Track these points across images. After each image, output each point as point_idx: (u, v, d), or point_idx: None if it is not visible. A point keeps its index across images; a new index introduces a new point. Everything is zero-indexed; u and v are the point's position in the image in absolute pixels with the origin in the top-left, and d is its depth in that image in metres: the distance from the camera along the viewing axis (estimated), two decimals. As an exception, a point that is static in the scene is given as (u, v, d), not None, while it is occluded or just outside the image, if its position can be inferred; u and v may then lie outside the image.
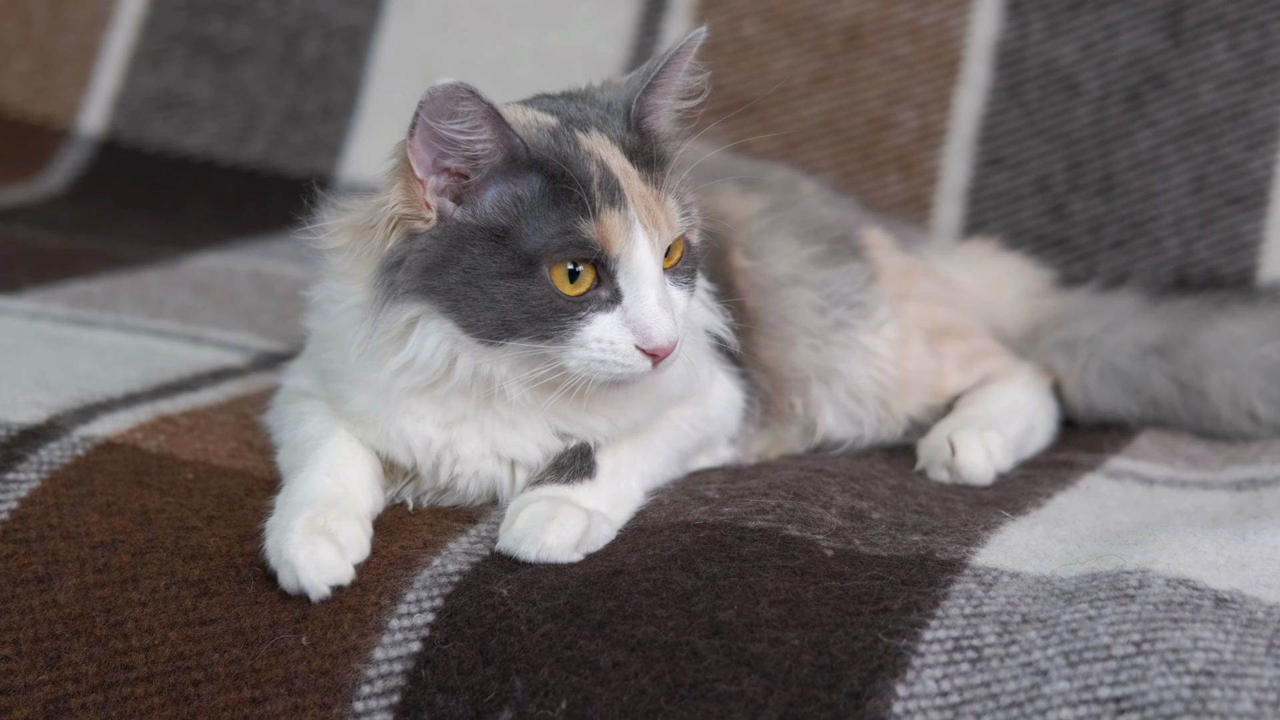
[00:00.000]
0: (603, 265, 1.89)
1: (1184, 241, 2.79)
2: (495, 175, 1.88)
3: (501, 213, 1.88)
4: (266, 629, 1.85)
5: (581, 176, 1.88)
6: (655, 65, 1.97)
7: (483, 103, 1.84)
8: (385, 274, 1.90)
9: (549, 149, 1.89)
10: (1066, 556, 1.89)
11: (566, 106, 1.97)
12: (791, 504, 1.97)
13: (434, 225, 1.89)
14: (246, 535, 1.93)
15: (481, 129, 1.85)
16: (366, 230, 1.93)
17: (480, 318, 1.89)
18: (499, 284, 1.88)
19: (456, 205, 1.89)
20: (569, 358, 1.90)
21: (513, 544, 1.89)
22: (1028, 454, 2.27)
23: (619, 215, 1.89)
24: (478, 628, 1.82)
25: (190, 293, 2.71)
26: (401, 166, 1.90)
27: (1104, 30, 2.89)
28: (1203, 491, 2.12)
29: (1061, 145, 2.89)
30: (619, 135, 1.95)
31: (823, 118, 3.00)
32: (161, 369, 2.33)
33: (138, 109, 3.35)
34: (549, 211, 1.88)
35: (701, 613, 1.79)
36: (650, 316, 1.89)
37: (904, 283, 2.32)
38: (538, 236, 1.87)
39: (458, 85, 1.83)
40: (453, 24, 3.22)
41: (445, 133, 1.86)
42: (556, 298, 1.88)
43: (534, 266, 1.88)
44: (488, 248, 1.88)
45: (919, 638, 1.75)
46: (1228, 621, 1.73)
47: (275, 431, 2.09)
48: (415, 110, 1.85)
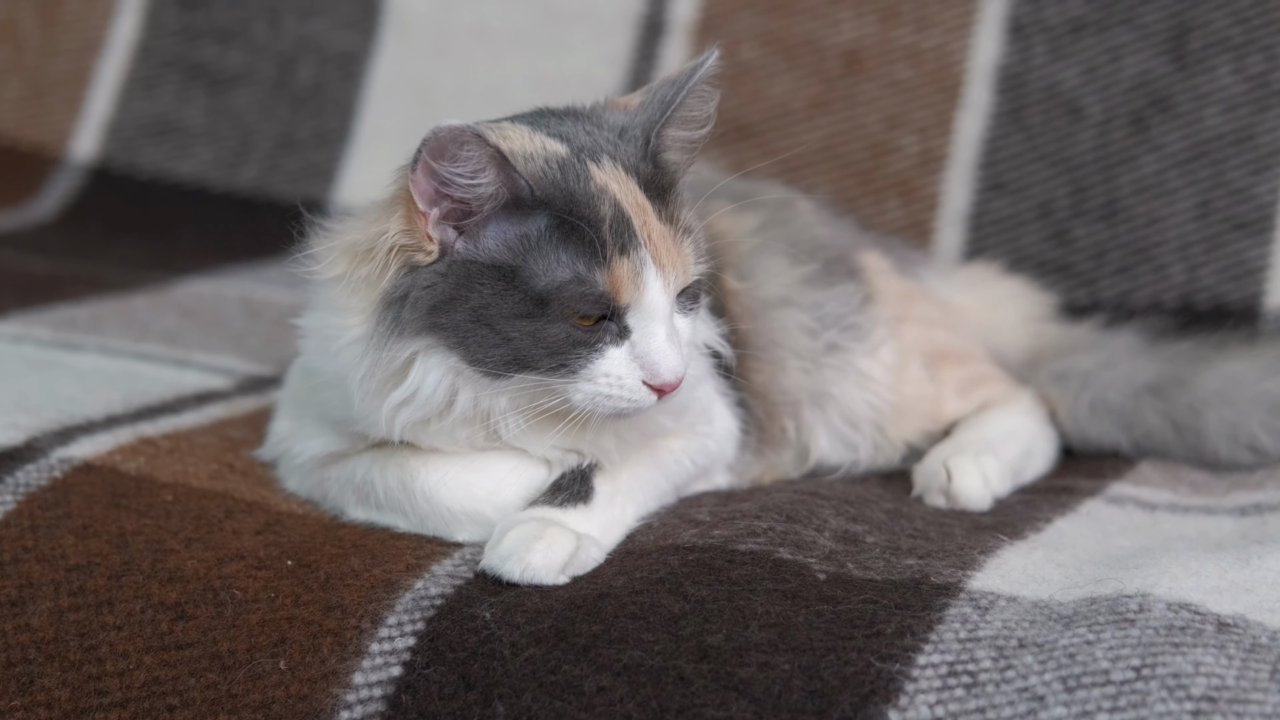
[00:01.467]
0: (604, 309, 1.86)
1: (1189, 267, 2.74)
2: (499, 212, 1.84)
3: (508, 251, 1.84)
4: (244, 653, 1.81)
5: (592, 219, 1.84)
6: (672, 93, 1.93)
7: (488, 147, 1.80)
8: (388, 309, 1.86)
9: (557, 186, 1.85)
10: (1065, 581, 1.84)
11: (575, 130, 1.92)
12: (784, 527, 1.93)
13: (437, 259, 1.85)
14: (225, 557, 1.88)
15: (485, 171, 1.81)
16: (363, 256, 1.88)
17: (490, 354, 1.85)
18: (512, 323, 1.84)
19: (459, 236, 1.85)
20: (575, 391, 1.86)
21: (497, 562, 1.85)
22: (1026, 480, 2.23)
23: (629, 262, 1.85)
24: (460, 652, 1.77)
25: (177, 317, 2.67)
26: (402, 195, 1.86)
27: (1107, 53, 2.85)
28: (1206, 517, 2.07)
29: (1064, 170, 2.85)
30: (634, 165, 1.90)
31: (822, 142, 2.97)
32: (144, 392, 2.29)
33: (130, 135, 3.32)
34: (558, 252, 1.84)
35: (689, 637, 1.74)
36: (658, 353, 1.86)
37: (902, 305, 2.27)
38: (548, 278, 1.83)
39: (461, 130, 1.78)
40: (448, 49, 3.18)
41: (445, 174, 1.81)
42: (574, 334, 1.85)
43: (546, 306, 1.84)
44: (497, 286, 1.84)
45: (912, 662, 1.70)
46: (1230, 646, 1.68)
47: (337, 502, 2.01)
48: (418, 145, 1.81)
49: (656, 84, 1.98)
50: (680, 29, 3.06)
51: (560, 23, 3.13)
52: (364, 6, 3.23)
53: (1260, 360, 2.28)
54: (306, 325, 1.97)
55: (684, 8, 3.06)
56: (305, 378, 2.00)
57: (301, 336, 1.99)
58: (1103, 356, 2.33)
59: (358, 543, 1.92)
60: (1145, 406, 2.27)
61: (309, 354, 1.97)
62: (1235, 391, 2.24)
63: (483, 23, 3.17)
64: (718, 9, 3.05)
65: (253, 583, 1.86)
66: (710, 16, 3.05)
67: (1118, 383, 2.29)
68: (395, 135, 3.17)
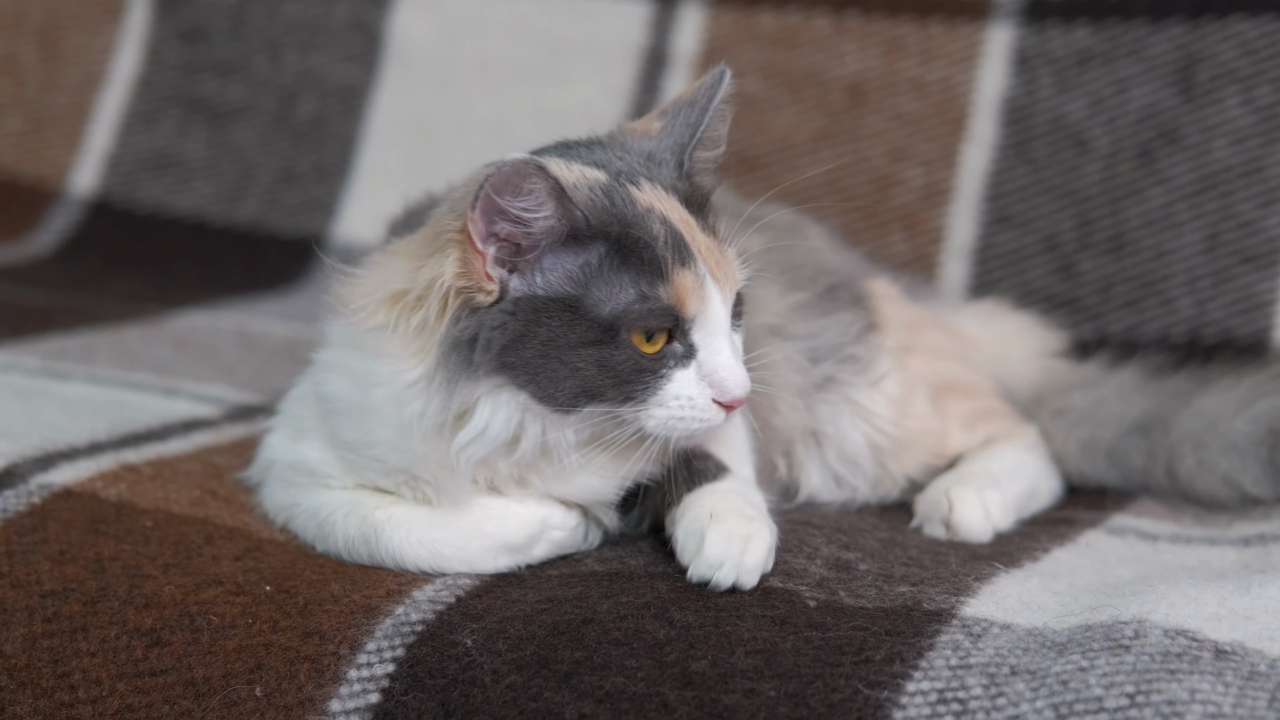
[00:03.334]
0: (672, 324, 1.83)
1: (1197, 301, 2.70)
2: (555, 244, 1.81)
3: (571, 282, 1.81)
4: (219, 680, 1.77)
5: (646, 237, 1.82)
6: (697, 115, 1.92)
7: (549, 179, 1.77)
8: (455, 351, 1.82)
9: (608, 212, 1.82)
10: (1061, 609, 1.79)
11: (606, 157, 1.90)
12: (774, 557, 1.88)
13: (499, 298, 1.81)
14: (203, 583, 1.85)
15: (546, 204, 1.78)
16: (413, 305, 1.84)
17: (559, 387, 1.82)
18: (579, 353, 1.81)
19: (512, 274, 1.82)
20: (648, 418, 1.84)
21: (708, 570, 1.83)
22: (1028, 515, 2.18)
23: (691, 274, 1.84)
24: (440, 679, 1.73)
25: (170, 348, 2.64)
26: (457, 238, 1.82)
27: (1114, 85, 2.81)
28: (1209, 547, 2.03)
29: (1070, 203, 2.81)
30: (672, 184, 1.89)
31: (826, 175, 2.93)
32: (130, 420, 2.26)
33: (130, 169, 3.29)
34: (619, 276, 1.82)
35: (674, 663, 1.70)
36: (726, 369, 1.84)
37: (909, 334, 2.23)
38: (613, 303, 1.81)
39: (526, 162, 1.76)
40: (449, 82, 3.16)
41: (511, 209, 1.78)
42: (640, 358, 1.82)
43: (614, 332, 1.81)
44: (564, 318, 1.81)
45: (901, 689, 1.66)
46: (1228, 674, 1.63)
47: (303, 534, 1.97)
48: (479, 183, 1.78)
49: (672, 106, 1.96)
50: (683, 61, 3.03)
51: (562, 55, 3.10)
52: (366, 40, 3.21)
53: (1236, 393, 2.21)
54: (331, 361, 1.92)
55: (686, 40, 3.04)
56: (320, 404, 1.95)
57: (323, 370, 1.93)
58: (1097, 394, 2.28)
59: (338, 569, 1.88)
60: (1131, 445, 2.22)
61: (332, 387, 1.92)
62: (1207, 432, 2.17)
63: (485, 56, 3.14)
64: (721, 41, 3.02)
65: (230, 608, 1.82)
66: (713, 49, 3.03)
67: (1108, 421, 2.24)
68: (396, 169, 3.14)
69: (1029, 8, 2.88)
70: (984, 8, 2.91)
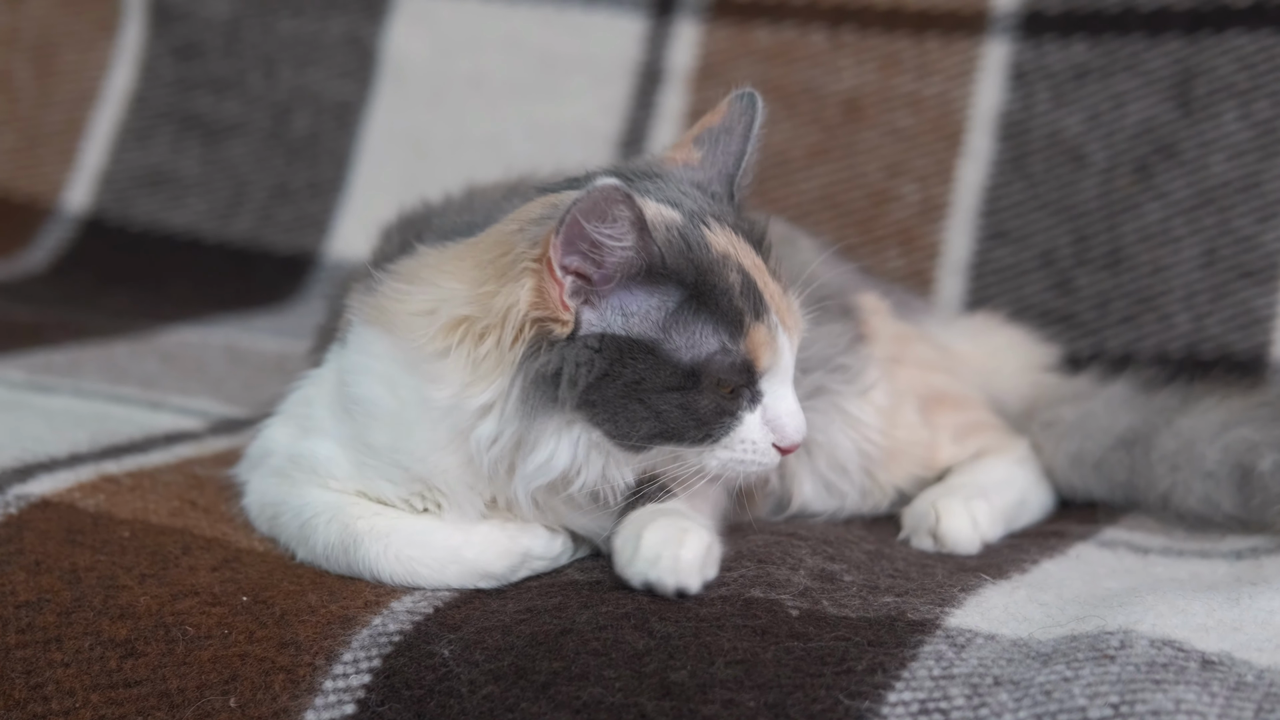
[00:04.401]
0: (746, 377, 1.82)
1: (1194, 317, 2.68)
2: (627, 280, 1.78)
3: (650, 325, 1.79)
4: (194, 690, 1.75)
5: (723, 288, 1.80)
6: (740, 144, 1.92)
7: (635, 208, 1.74)
8: (539, 386, 1.79)
9: (684, 256, 1.79)
10: (1047, 620, 1.77)
11: (675, 195, 1.86)
12: (756, 570, 1.86)
13: (574, 330, 1.78)
14: (180, 593, 1.83)
15: (628, 235, 1.76)
16: (481, 332, 1.81)
17: (636, 427, 1.80)
18: (663, 396, 1.79)
19: (584, 305, 1.79)
20: (711, 458, 1.83)
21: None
22: (1019, 527, 2.16)
23: (765, 327, 1.82)
24: (416, 689, 1.71)
25: (158, 362, 2.63)
26: (533, 266, 1.78)
27: (1111, 100, 2.79)
28: (1200, 560, 2.00)
29: (1067, 218, 2.79)
30: (736, 224, 1.87)
31: (821, 191, 2.91)
32: (113, 432, 2.24)
33: (124, 186, 3.28)
34: (696, 323, 1.80)
35: (652, 673, 1.68)
36: (789, 415, 1.84)
37: (898, 347, 2.21)
38: (695, 350, 1.79)
39: (616, 187, 1.72)
40: (444, 98, 3.14)
41: (596, 235, 1.75)
42: (720, 403, 1.81)
43: (695, 378, 1.80)
44: (648, 361, 1.79)
45: (883, 699, 1.64)
46: (1214, 684, 1.61)
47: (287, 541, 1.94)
48: (565, 208, 1.74)
49: (706, 134, 1.94)
50: (679, 77, 3.01)
51: (557, 71, 3.09)
52: (360, 56, 3.20)
53: (1217, 415, 2.16)
54: (364, 366, 1.88)
55: (682, 55, 3.02)
56: (343, 405, 1.91)
57: (355, 373, 1.89)
58: (1087, 407, 2.25)
59: (316, 579, 1.86)
60: (1117, 460, 2.19)
61: (366, 391, 1.88)
62: (1184, 454, 2.13)
63: (480, 72, 3.13)
64: (717, 57, 3.01)
65: (206, 619, 1.80)
66: (709, 64, 3.01)
67: (1095, 434, 2.21)
68: (390, 185, 3.13)
69: (1026, 23, 2.86)
70: (981, 22, 2.89)
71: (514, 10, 3.12)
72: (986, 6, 2.88)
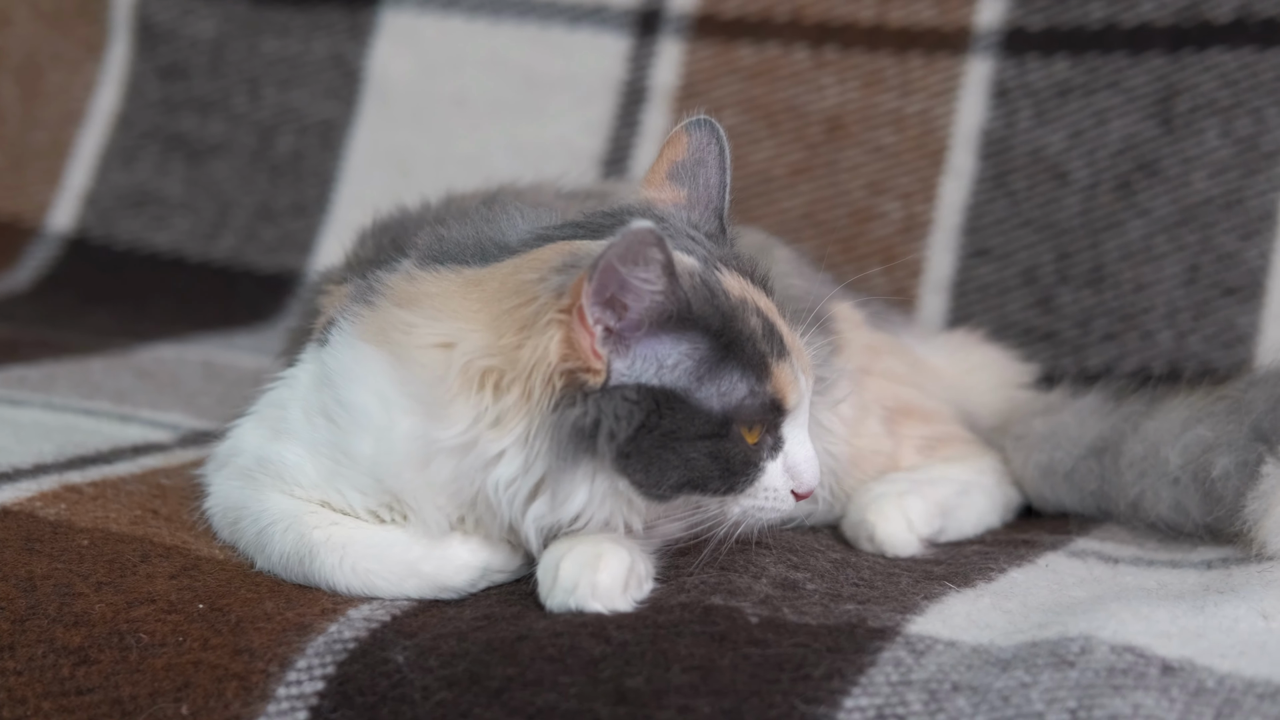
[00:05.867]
0: (773, 418, 1.81)
1: (1177, 334, 2.66)
2: (655, 328, 1.75)
3: (681, 373, 1.76)
4: (145, 698, 1.73)
5: (748, 333, 1.78)
6: (719, 176, 1.90)
7: (667, 251, 1.71)
8: (576, 438, 1.75)
9: (709, 304, 1.77)
10: (1009, 626, 1.75)
11: (686, 242, 1.84)
12: (717, 578, 1.84)
13: (612, 381, 1.75)
14: (135, 601, 1.81)
15: (660, 279, 1.72)
16: (507, 384, 1.77)
17: (667, 476, 1.77)
18: (695, 445, 1.77)
19: (612, 354, 1.76)
20: (734, 506, 1.81)
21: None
22: (969, 529, 2.14)
23: (788, 367, 1.81)
24: (370, 696, 1.70)
25: (132, 377, 2.61)
26: (561, 317, 1.74)
27: (1093, 117, 2.78)
28: (1170, 570, 1.98)
29: (1050, 235, 2.77)
30: (743, 268, 1.85)
31: (804, 209, 2.90)
32: (80, 444, 2.22)
33: (108, 206, 3.27)
34: (724, 370, 1.77)
35: (608, 679, 1.66)
36: (807, 461, 1.83)
37: (868, 358, 2.19)
38: (724, 400, 1.77)
39: (650, 230, 1.69)
40: (427, 118, 3.13)
41: (631, 279, 1.72)
42: (748, 451, 1.79)
43: (726, 426, 1.78)
44: (683, 410, 1.76)
45: (839, 705, 1.62)
46: (1174, 689, 1.59)
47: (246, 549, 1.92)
48: (599, 254, 1.70)
49: (676, 169, 1.92)
50: (661, 95, 3.01)
51: (540, 90, 3.08)
52: (345, 76, 3.19)
53: (1178, 415, 2.12)
54: (358, 375, 1.84)
55: (665, 74, 3.01)
56: (328, 409, 1.87)
57: (346, 380, 1.85)
58: (1057, 418, 2.23)
59: (274, 587, 1.85)
60: (1087, 469, 2.16)
61: (359, 400, 1.84)
62: (1150, 460, 2.09)
63: (463, 91, 3.12)
64: (700, 75, 3.00)
65: (161, 626, 1.78)
66: (692, 83, 3.00)
67: (1065, 444, 2.19)
68: (373, 205, 3.10)
69: (1008, 40, 2.85)
70: (963, 40, 2.88)
71: (498, 30, 3.12)
72: (969, 24, 2.87)
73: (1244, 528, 1.99)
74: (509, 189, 2.27)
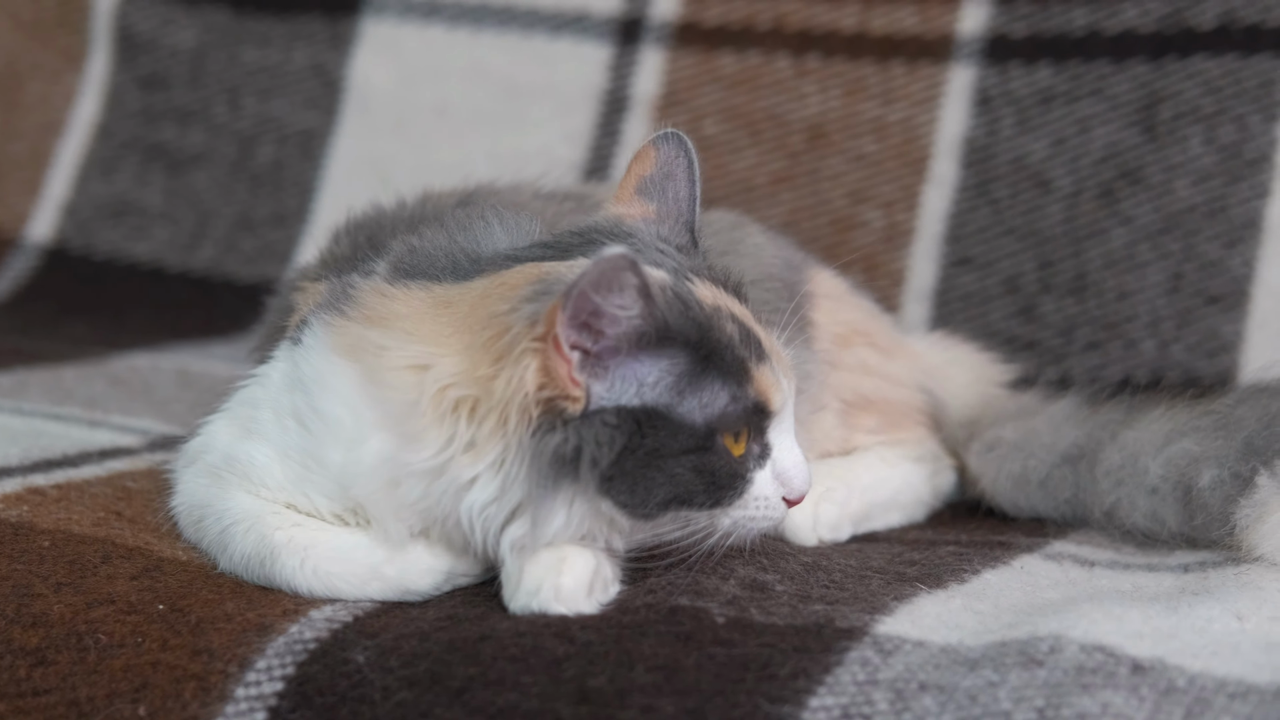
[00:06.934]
0: (758, 423, 1.78)
1: (1160, 343, 2.64)
2: (632, 348, 1.73)
3: (662, 390, 1.74)
4: (103, 699, 1.70)
5: (725, 341, 1.76)
6: (688, 189, 1.88)
7: (641, 274, 1.69)
8: (557, 465, 1.73)
9: (684, 316, 1.75)
10: (979, 627, 1.72)
11: (655, 256, 1.82)
12: (685, 579, 1.81)
13: (591, 406, 1.72)
14: (95, 602, 1.79)
15: (636, 304, 1.70)
16: (483, 414, 1.74)
17: (652, 495, 1.75)
18: (679, 461, 1.74)
19: (591, 379, 1.73)
20: (724, 518, 1.79)
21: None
22: (879, 529, 2.13)
23: (768, 370, 1.78)
24: (329, 696, 1.67)
25: (105, 384, 2.59)
26: (536, 346, 1.72)
27: (1076, 125, 2.76)
28: (1146, 574, 1.95)
29: (1032, 244, 2.75)
30: (715, 276, 1.83)
31: (785, 218, 2.88)
32: (46, 448, 2.20)
33: (87, 216, 3.25)
34: (706, 380, 1.75)
35: (570, 679, 1.64)
36: (796, 467, 1.80)
37: (836, 349, 2.16)
38: (709, 409, 1.75)
39: (624, 255, 1.66)
40: (408, 127, 3.12)
41: (606, 307, 1.69)
42: (733, 462, 1.77)
43: (710, 438, 1.75)
44: (666, 427, 1.73)
45: (804, 704, 1.59)
46: (1143, 688, 1.56)
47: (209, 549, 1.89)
48: (572, 282, 1.67)
49: (644, 184, 1.90)
50: (642, 104, 2.99)
51: (521, 99, 3.06)
52: (325, 85, 3.18)
53: (1161, 426, 2.09)
54: (331, 384, 1.81)
55: (646, 83, 2.99)
56: (300, 414, 1.84)
57: (321, 389, 1.82)
58: (1030, 424, 2.20)
59: (236, 588, 1.82)
60: (1061, 477, 2.14)
61: (332, 409, 1.81)
62: (1128, 469, 2.07)
63: (444, 100, 3.10)
64: (681, 84, 2.98)
65: (120, 627, 1.76)
66: (673, 91, 2.99)
67: (1039, 451, 2.16)
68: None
69: (990, 48, 2.83)
70: (946, 48, 2.86)
71: (479, 39, 3.10)
72: (951, 32, 2.86)
73: (1230, 533, 1.97)
74: (486, 189, 2.24)
